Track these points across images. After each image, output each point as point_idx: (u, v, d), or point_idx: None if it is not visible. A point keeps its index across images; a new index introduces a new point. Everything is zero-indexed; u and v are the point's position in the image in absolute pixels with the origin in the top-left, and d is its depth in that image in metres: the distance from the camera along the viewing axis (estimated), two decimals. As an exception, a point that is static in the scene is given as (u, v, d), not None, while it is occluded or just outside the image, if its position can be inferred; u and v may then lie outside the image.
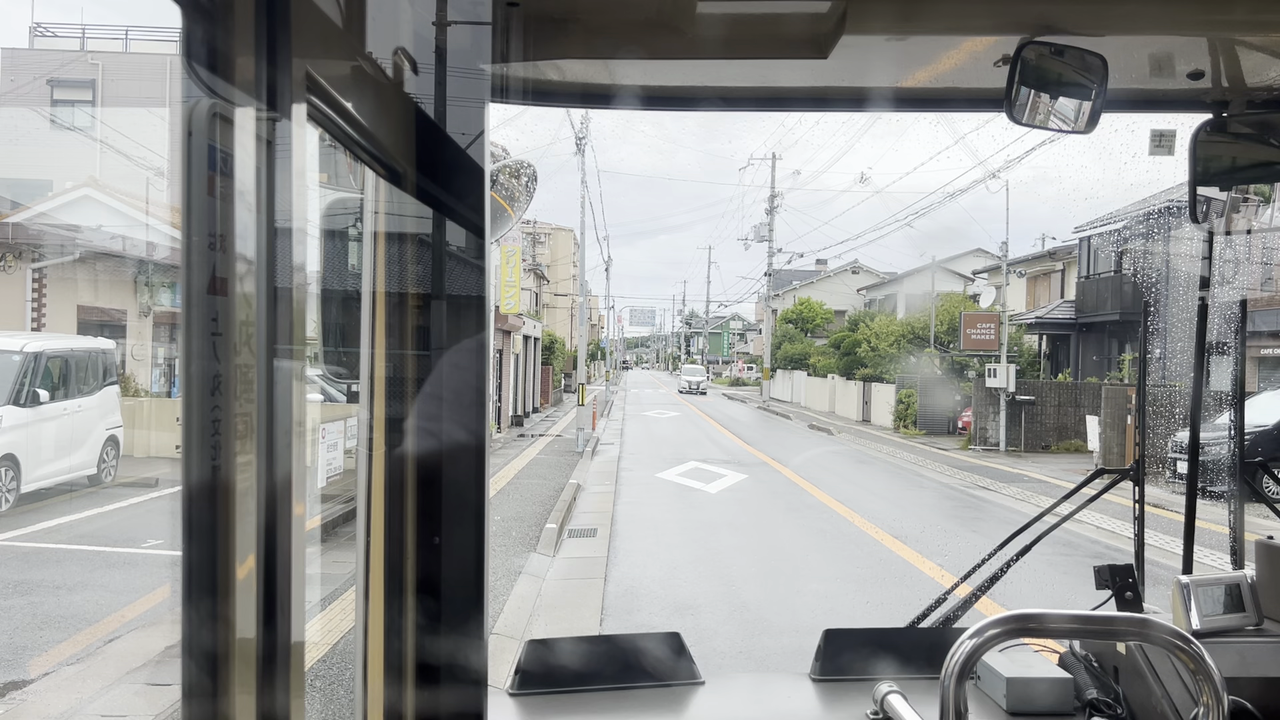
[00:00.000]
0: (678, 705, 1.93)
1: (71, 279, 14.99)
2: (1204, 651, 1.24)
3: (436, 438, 1.32)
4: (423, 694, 1.32)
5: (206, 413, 0.75)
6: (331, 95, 0.96)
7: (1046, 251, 31.92)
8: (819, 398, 38.68)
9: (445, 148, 1.34)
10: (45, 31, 24.60)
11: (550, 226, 49.57)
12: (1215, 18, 1.58)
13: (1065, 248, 30.45)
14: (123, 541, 9.30)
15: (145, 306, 16.19)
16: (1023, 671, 1.89)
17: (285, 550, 0.81)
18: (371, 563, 1.29)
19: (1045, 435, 23.50)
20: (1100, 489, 2.40)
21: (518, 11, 1.50)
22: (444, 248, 1.37)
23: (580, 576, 9.00)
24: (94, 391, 11.98)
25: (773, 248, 42.92)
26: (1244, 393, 2.42)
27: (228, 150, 0.76)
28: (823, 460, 20.65)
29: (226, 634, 0.77)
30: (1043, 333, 30.20)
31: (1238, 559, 2.30)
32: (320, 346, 1.47)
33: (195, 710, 0.76)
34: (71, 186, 17.29)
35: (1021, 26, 1.51)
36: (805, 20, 1.58)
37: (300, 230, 0.84)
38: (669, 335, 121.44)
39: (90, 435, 11.58)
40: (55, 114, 21.92)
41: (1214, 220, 2.18)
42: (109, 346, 13.07)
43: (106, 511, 10.74)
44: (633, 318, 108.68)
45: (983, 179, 23.23)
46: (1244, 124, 1.95)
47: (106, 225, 16.41)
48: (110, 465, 11.90)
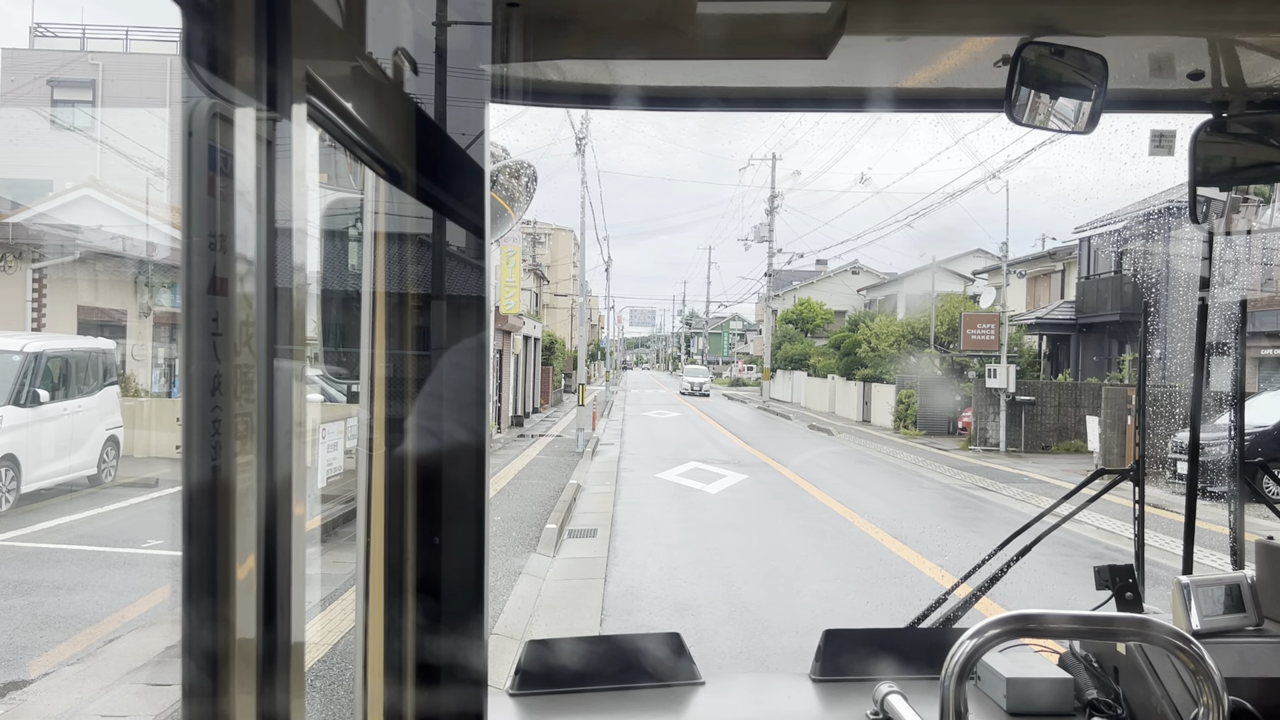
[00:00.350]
0: (678, 705, 1.93)
1: (71, 279, 14.98)
2: (1204, 652, 1.24)
3: (437, 438, 1.32)
4: (423, 694, 1.32)
5: (207, 413, 0.75)
6: (331, 95, 0.96)
7: (1046, 252, 31.89)
8: (819, 398, 38.69)
9: (445, 148, 1.34)
10: (45, 31, 24.62)
11: (550, 227, 49.50)
12: (1215, 18, 1.58)
13: (1065, 248, 30.42)
14: (123, 541, 9.28)
15: (145, 307, 16.18)
16: (1023, 672, 1.89)
17: (285, 550, 0.81)
18: (372, 563, 1.29)
19: (1045, 436, 23.48)
20: (1100, 489, 2.40)
21: (518, 12, 1.50)
22: (444, 248, 1.37)
23: (580, 577, 8.99)
24: (94, 392, 11.97)
25: (773, 248, 42.92)
26: (1244, 393, 2.42)
27: (228, 150, 0.76)
28: (823, 460, 20.64)
29: (226, 634, 0.77)
30: (1043, 333, 30.19)
31: (1238, 559, 2.30)
32: (320, 347, 1.47)
33: (195, 710, 0.76)
34: (71, 187, 17.29)
35: (1021, 27, 1.51)
36: (805, 20, 1.58)
37: (300, 230, 0.84)
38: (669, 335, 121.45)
39: (90, 435, 11.57)
40: (55, 114, 21.92)
41: (1214, 221, 2.18)
42: (109, 347, 13.05)
43: (107, 512, 10.73)
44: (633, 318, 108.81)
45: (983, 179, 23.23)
46: (1244, 124, 1.95)
47: (106, 225, 16.41)
48: (110, 465, 11.88)
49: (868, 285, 49.60)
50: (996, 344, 24.22)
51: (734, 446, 22.51)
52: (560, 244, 49.76)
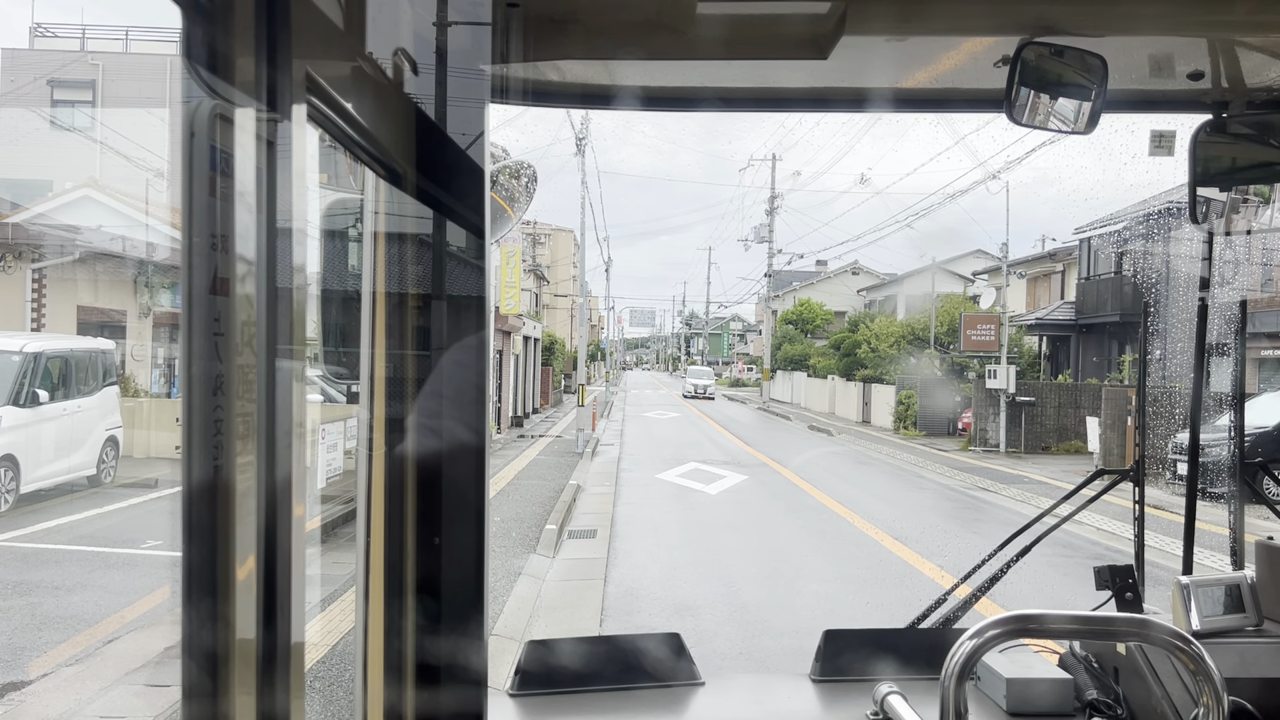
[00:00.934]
0: (678, 706, 1.93)
1: (71, 279, 14.98)
2: (1204, 652, 1.24)
3: (437, 438, 1.32)
4: (423, 694, 1.32)
5: (208, 413, 0.75)
6: (332, 96, 0.96)
7: (1046, 253, 31.85)
8: (819, 399, 38.67)
9: (445, 148, 1.34)
10: (45, 32, 24.62)
11: (550, 227, 49.46)
12: (1215, 18, 1.58)
13: (1065, 249, 30.37)
14: (122, 542, 9.27)
15: (145, 307, 16.17)
16: (1023, 672, 1.89)
17: (285, 550, 0.81)
18: (371, 563, 1.29)
19: (1045, 436, 23.46)
20: (1100, 490, 2.40)
21: (518, 12, 1.50)
22: (444, 248, 1.37)
23: (580, 578, 8.99)
24: (94, 392, 11.96)
25: (773, 249, 42.92)
26: (1244, 393, 2.42)
27: (229, 151, 0.76)
28: (823, 461, 20.62)
29: (226, 634, 0.77)
30: (1043, 334, 30.16)
31: (1238, 560, 2.30)
32: (321, 347, 1.47)
33: (195, 710, 0.76)
34: (71, 187, 17.29)
35: (1021, 27, 1.51)
36: (805, 21, 1.58)
37: (301, 231, 0.84)
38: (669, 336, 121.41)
39: (90, 436, 11.56)
40: (55, 114, 21.92)
41: (1214, 221, 2.18)
42: (109, 347, 13.05)
43: (106, 512, 10.71)
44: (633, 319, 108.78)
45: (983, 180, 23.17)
46: (1244, 124, 1.96)
47: (106, 225, 16.41)
48: (110, 466, 11.87)
49: (867, 286, 49.60)
50: (997, 345, 24.20)
51: (734, 447, 22.49)
52: (560, 244, 49.73)
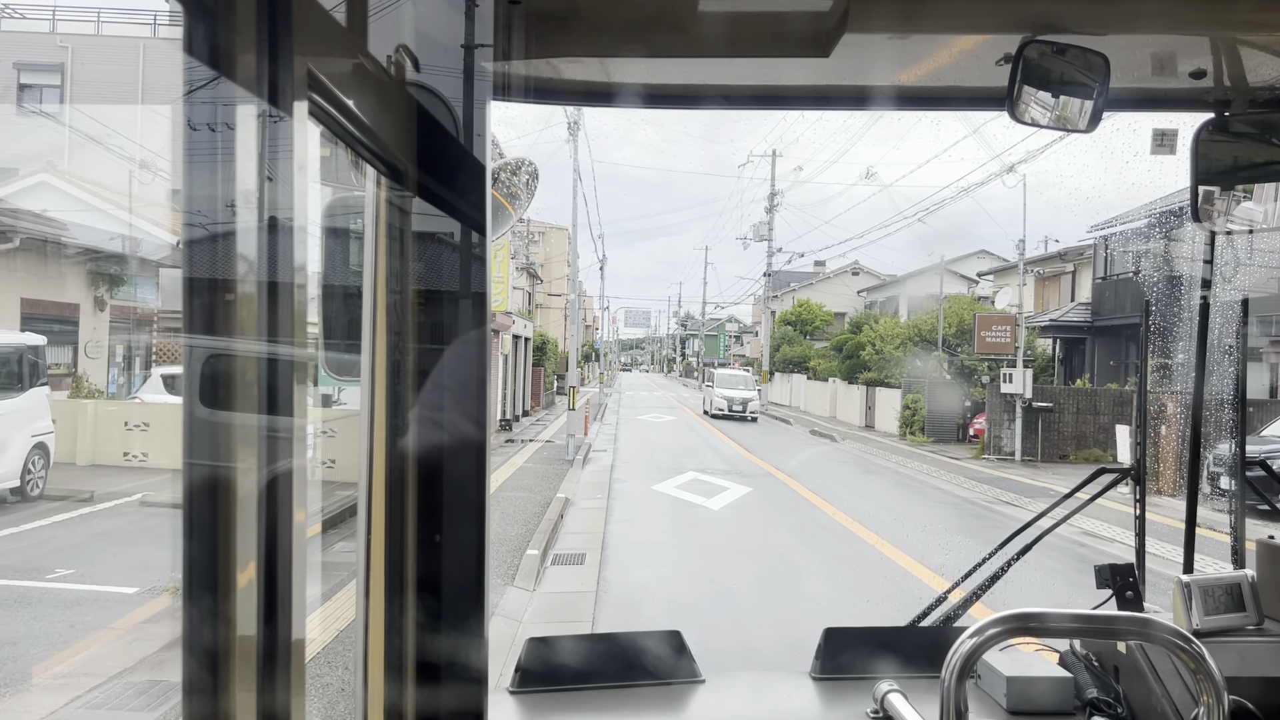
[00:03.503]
0: (678, 703, 1.93)
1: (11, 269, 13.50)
2: (1204, 651, 1.24)
3: (437, 435, 1.32)
4: (423, 692, 1.32)
5: (208, 411, 0.75)
6: (333, 93, 0.96)
7: (1056, 253, 30.75)
8: (819, 402, 38.40)
9: (447, 145, 1.34)
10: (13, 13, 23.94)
11: (545, 225, 49.21)
12: (1217, 17, 1.58)
13: (1076, 249, 29.40)
14: (24, 572, 7.75)
15: (101, 299, 15.15)
16: (1023, 670, 1.89)
17: (285, 550, 0.81)
18: (372, 560, 1.29)
19: (1063, 444, 22.20)
20: (1101, 489, 2.40)
21: (519, 9, 1.50)
22: (445, 245, 1.37)
23: (562, 619, 7.83)
24: (18, 393, 10.91)
25: (772, 247, 42.79)
26: (1245, 394, 2.42)
27: (229, 148, 0.76)
28: (830, 471, 19.66)
29: (227, 633, 0.77)
30: (1056, 336, 29.01)
31: (1238, 559, 2.30)
32: (321, 344, 1.47)
33: (195, 710, 0.76)
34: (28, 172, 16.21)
35: (1023, 25, 1.51)
36: (807, 18, 1.58)
37: (301, 228, 0.84)
38: (664, 337, 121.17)
39: (12, 443, 10.37)
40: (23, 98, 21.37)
41: (1216, 220, 2.18)
42: (38, 342, 11.71)
43: (17, 533, 9.43)
44: (628, 319, 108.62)
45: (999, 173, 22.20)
46: (1246, 123, 1.96)
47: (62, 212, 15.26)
48: (38, 476, 10.75)
49: (868, 287, 49.43)
50: (1012, 347, 23.13)
51: (734, 454, 21.55)
52: (555, 243, 49.52)
